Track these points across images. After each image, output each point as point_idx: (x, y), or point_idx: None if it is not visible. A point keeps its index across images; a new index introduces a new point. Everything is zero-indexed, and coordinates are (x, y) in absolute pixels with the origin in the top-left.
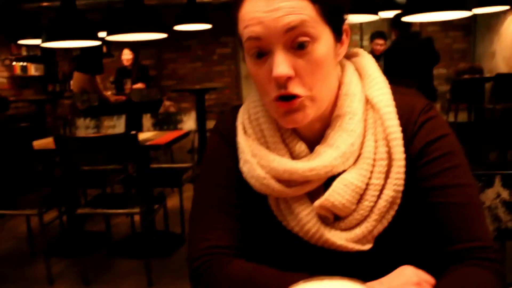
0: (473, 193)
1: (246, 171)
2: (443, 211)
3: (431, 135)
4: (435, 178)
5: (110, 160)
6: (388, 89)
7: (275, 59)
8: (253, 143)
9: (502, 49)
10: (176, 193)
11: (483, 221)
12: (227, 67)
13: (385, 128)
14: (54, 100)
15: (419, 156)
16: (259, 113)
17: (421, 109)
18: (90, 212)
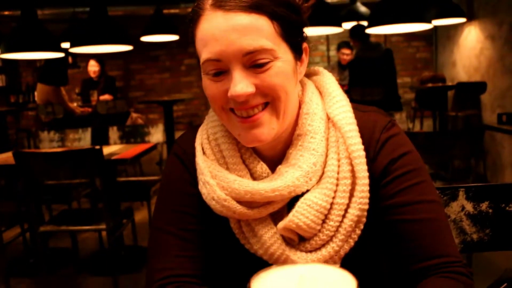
0: (438, 209)
1: (205, 193)
2: (409, 228)
3: (394, 153)
4: (399, 195)
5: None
6: (349, 107)
7: (233, 78)
8: (212, 164)
9: (462, 59)
10: (145, 206)
11: (449, 236)
12: (195, 78)
13: (347, 146)
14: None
15: (382, 174)
16: (218, 133)
17: (383, 127)
18: (54, 229)
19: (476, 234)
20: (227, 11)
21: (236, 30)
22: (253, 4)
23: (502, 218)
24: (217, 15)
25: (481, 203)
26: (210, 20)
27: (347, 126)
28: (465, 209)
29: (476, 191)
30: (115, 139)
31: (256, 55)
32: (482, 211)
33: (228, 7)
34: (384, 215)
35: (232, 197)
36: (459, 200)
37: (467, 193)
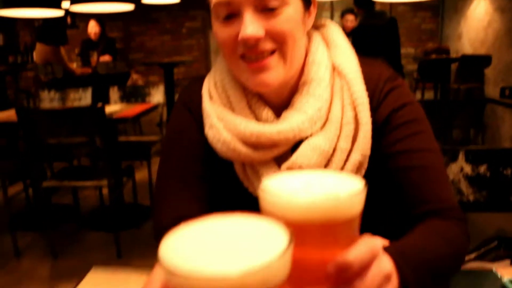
0: (437, 157)
1: (211, 135)
2: (409, 175)
3: (396, 103)
4: (400, 143)
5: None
6: (354, 57)
7: (244, 21)
8: (219, 108)
9: (468, 31)
10: (144, 166)
11: (447, 184)
12: (196, 41)
13: (351, 93)
14: (15, 72)
15: (385, 123)
16: (225, 79)
17: (386, 78)
18: (57, 185)
19: (472, 195)
20: None
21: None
22: None
23: (498, 181)
24: None
25: (479, 166)
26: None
27: (351, 74)
28: (463, 171)
29: (475, 154)
30: (115, 99)
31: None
32: (480, 173)
33: None
34: (385, 162)
35: (238, 139)
36: (458, 161)
37: (466, 156)
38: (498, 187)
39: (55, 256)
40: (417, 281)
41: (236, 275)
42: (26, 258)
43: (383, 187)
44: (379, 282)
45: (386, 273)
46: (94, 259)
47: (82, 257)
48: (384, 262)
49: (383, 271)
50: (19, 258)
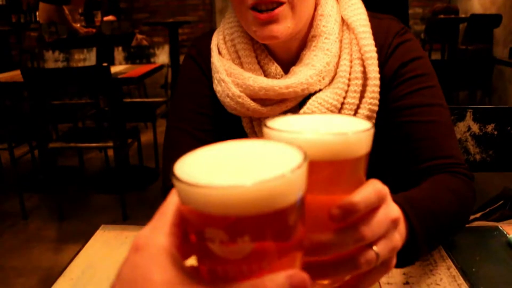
0: (445, 112)
1: (220, 90)
2: (417, 129)
3: (405, 57)
4: (408, 97)
5: (81, 94)
6: (363, 10)
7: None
8: (228, 63)
9: None
10: (149, 128)
11: (454, 140)
12: (201, 1)
13: (360, 47)
14: (18, 31)
15: (393, 77)
16: (234, 34)
17: (396, 32)
18: (63, 146)
19: (479, 154)
20: None
21: None
22: None
23: (506, 141)
24: None
25: (487, 125)
26: None
27: (360, 28)
28: (471, 130)
29: (483, 112)
30: (120, 59)
31: None
32: (487, 132)
33: None
34: (393, 116)
35: (247, 94)
36: (466, 120)
37: (474, 114)
38: (506, 147)
39: (62, 218)
40: (424, 231)
41: (251, 184)
42: (33, 220)
43: (391, 141)
44: (386, 227)
45: (394, 218)
46: (100, 221)
47: (88, 219)
48: (392, 207)
49: (390, 216)
50: (26, 219)
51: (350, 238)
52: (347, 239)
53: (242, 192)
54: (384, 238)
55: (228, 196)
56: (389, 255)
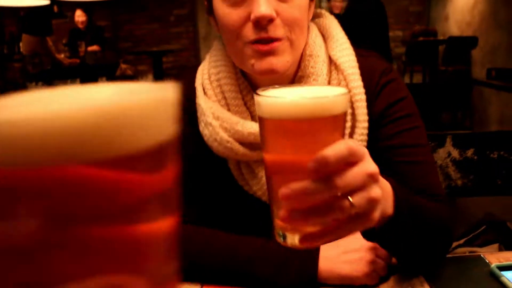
0: (429, 152)
1: (207, 134)
2: (402, 169)
3: (392, 97)
4: (396, 138)
5: None
6: (351, 50)
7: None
8: (214, 105)
9: (454, 13)
10: None
11: (437, 177)
12: (184, 29)
13: (349, 89)
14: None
15: (381, 116)
16: (220, 74)
17: (381, 71)
18: None
19: (460, 180)
20: None
21: None
22: None
23: (485, 165)
24: None
25: (466, 150)
26: None
27: (349, 69)
28: (451, 156)
29: (462, 138)
30: None
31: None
32: (467, 157)
33: None
34: (380, 154)
35: (235, 139)
36: (446, 146)
37: (454, 140)
38: (486, 171)
39: None
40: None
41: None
42: None
43: None
44: (361, 179)
45: (370, 172)
46: None
47: None
48: (369, 164)
49: (367, 170)
50: None
51: (324, 186)
52: (321, 187)
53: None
54: (360, 190)
55: None
56: (366, 206)
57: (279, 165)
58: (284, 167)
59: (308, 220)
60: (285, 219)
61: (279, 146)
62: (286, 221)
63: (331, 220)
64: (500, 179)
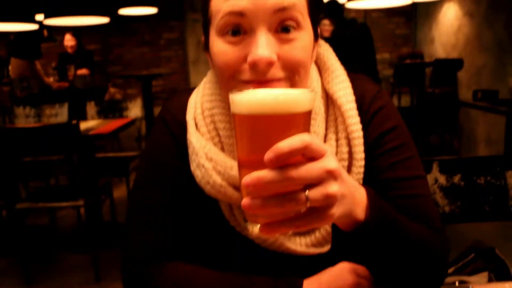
0: (424, 184)
1: (199, 175)
2: (398, 203)
3: (384, 126)
4: (390, 170)
5: (52, 151)
6: (348, 83)
7: (257, 40)
8: (207, 144)
9: (440, 36)
10: (123, 182)
11: (434, 211)
12: (174, 52)
13: (346, 125)
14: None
15: (373, 147)
16: (214, 109)
17: (372, 97)
18: (31, 206)
19: (448, 206)
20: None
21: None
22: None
23: (473, 191)
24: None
25: (453, 176)
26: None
27: (347, 104)
28: (438, 182)
29: (449, 164)
30: (92, 114)
31: (286, 14)
32: (454, 183)
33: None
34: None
35: (229, 183)
36: (432, 173)
37: (440, 166)
38: (473, 197)
39: (30, 283)
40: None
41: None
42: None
43: None
44: (319, 174)
45: (329, 169)
46: (71, 283)
47: (58, 283)
48: (330, 161)
49: (325, 167)
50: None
51: (280, 176)
52: (277, 176)
53: None
54: (318, 186)
55: None
56: (323, 201)
57: (246, 159)
58: (249, 161)
59: (266, 208)
60: (245, 206)
61: (245, 140)
62: (246, 207)
63: (288, 210)
64: (487, 205)
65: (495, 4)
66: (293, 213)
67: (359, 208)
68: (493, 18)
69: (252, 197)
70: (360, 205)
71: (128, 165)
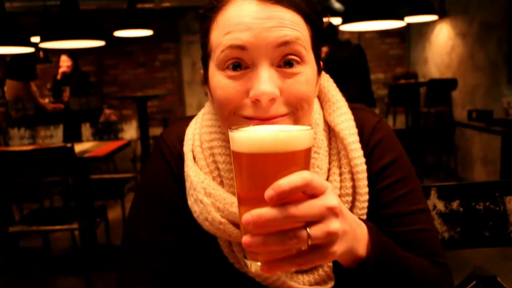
0: (427, 217)
1: (197, 211)
2: (402, 238)
3: (384, 159)
4: (392, 205)
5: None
6: (350, 115)
7: (260, 75)
8: (206, 179)
9: (434, 56)
10: (118, 203)
11: (438, 245)
12: (169, 74)
13: (350, 159)
14: None
15: (374, 180)
16: (213, 142)
17: (372, 128)
18: (25, 229)
19: (447, 232)
20: (263, 2)
21: (273, 19)
22: (292, 1)
23: (472, 216)
24: (250, 3)
25: (452, 202)
26: (241, 7)
27: (350, 137)
28: (436, 208)
29: (447, 190)
30: (87, 136)
31: (289, 48)
32: (453, 209)
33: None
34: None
35: (229, 220)
36: (431, 199)
37: (438, 192)
38: (472, 223)
39: None
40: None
41: None
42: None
43: None
44: (320, 212)
45: (330, 206)
46: None
47: None
48: (331, 198)
49: (326, 204)
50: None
51: (281, 213)
52: (278, 214)
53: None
54: (319, 223)
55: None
56: (324, 239)
57: (245, 196)
58: (249, 199)
59: (267, 246)
60: (246, 244)
61: (244, 178)
62: (247, 245)
63: (289, 248)
64: (487, 230)
65: (486, 24)
66: (295, 250)
67: (360, 244)
68: (485, 39)
69: (252, 234)
70: (361, 241)
71: (123, 187)
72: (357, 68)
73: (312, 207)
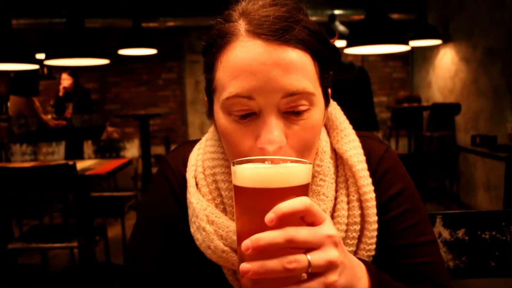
0: (435, 249)
1: (200, 239)
2: (409, 271)
3: (392, 190)
4: (398, 237)
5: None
6: (358, 142)
7: (267, 124)
8: (209, 206)
9: (437, 80)
10: (118, 222)
11: (446, 275)
12: (172, 92)
13: (358, 187)
14: None
15: (381, 211)
16: (216, 168)
17: (379, 158)
18: (24, 247)
19: (452, 261)
20: (268, 43)
21: (279, 65)
22: (299, 39)
23: (477, 246)
24: (255, 44)
25: (457, 230)
26: (246, 48)
27: (358, 165)
28: (442, 236)
29: (452, 218)
30: (89, 153)
31: (296, 99)
32: (458, 238)
33: (270, 38)
34: (386, 255)
35: (232, 249)
36: (436, 227)
37: (444, 220)
38: (478, 252)
39: None
40: None
41: None
42: None
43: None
44: (319, 239)
45: (329, 234)
46: None
47: None
48: (329, 227)
49: (325, 232)
50: None
51: (280, 235)
52: (277, 236)
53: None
54: (319, 250)
55: None
56: (324, 267)
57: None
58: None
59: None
60: (244, 270)
61: (244, 211)
62: (245, 271)
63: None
64: (493, 260)
65: (490, 50)
66: (295, 279)
67: (360, 283)
68: (489, 64)
69: (251, 260)
70: (361, 280)
71: (123, 205)
72: (360, 91)
73: (312, 233)
